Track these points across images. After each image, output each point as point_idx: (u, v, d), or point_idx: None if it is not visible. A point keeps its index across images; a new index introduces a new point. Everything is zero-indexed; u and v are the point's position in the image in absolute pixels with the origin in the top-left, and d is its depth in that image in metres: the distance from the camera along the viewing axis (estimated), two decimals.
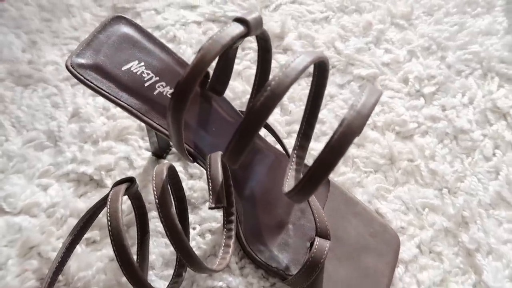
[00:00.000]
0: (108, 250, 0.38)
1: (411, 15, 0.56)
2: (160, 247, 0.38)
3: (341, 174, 0.43)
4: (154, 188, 0.30)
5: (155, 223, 0.39)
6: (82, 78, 0.33)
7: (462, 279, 0.39)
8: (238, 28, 0.25)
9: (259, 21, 0.27)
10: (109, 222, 0.29)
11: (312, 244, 0.34)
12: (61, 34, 0.52)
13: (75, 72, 0.33)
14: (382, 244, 0.37)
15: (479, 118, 0.48)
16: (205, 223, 0.40)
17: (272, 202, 0.38)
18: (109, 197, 0.30)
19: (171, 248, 0.38)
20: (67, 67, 0.33)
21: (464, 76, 0.51)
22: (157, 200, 0.29)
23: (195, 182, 0.42)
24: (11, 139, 0.44)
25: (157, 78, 0.36)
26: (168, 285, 0.33)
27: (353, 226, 0.37)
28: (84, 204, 0.40)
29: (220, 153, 0.33)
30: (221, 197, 0.29)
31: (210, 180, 0.30)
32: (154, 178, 0.30)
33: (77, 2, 0.55)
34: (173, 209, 0.29)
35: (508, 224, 0.41)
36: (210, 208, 0.29)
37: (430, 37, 0.54)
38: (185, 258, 0.29)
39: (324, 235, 0.34)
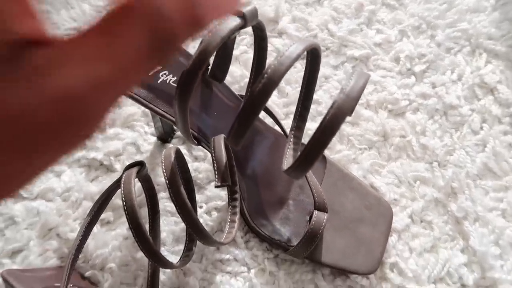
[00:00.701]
0: (122, 230, 0.41)
1: None
2: (170, 225, 0.41)
3: (337, 152, 0.46)
4: (164, 170, 0.32)
5: (164, 203, 0.42)
6: None
7: (451, 245, 0.42)
8: (235, 21, 0.27)
9: (254, 13, 0.29)
10: (124, 203, 0.31)
11: (311, 217, 0.37)
12: (61, 26, 0.54)
13: None
14: (376, 215, 0.40)
15: (467, 94, 0.50)
16: (211, 202, 0.43)
17: (272, 180, 0.41)
18: (123, 180, 0.33)
19: (181, 226, 0.41)
20: None
21: (453, 53, 0.53)
22: (167, 181, 0.32)
23: (199, 164, 0.44)
24: None
25: (159, 67, 0.38)
26: (180, 258, 0.36)
27: (349, 200, 0.40)
28: (96, 188, 0.42)
29: (223, 136, 0.35)
30: (225, 176, 0.32)
31: (215, 161, 0.33)
32: (163, 161, 0.33)
33: None
34: (183, 189, 0.31)
35: (494, 193, 0.44)
36: (216, 186, 0.32)
37: (420, 16, 0.55)
38: (195, 232, 0.32)
39: (322, 208, 0.37)
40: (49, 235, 0.40)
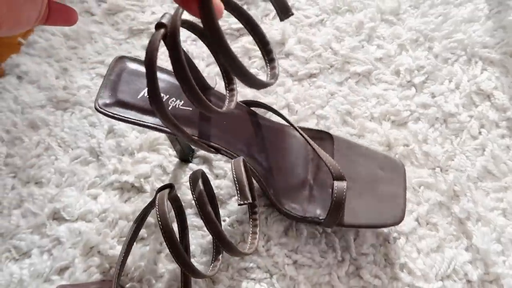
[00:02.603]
0: (155, 245, 0.45)
1: (399, 10, 0.61)
2: (197, 239, 0.46)
3: (345, 137, 0.50)
4: (192, 192, 0.37)
5: (191, 219, 0.47)
6: (111, 114, 0.40)
7: (455, 244, 0.45)
8: (159, 33, 0.28)
9: (173, 17, 0.28)
10: (159, 222, 0.36)
11: (332, 188, 0.41)
12: (87, 60, 0.59)
13: (104, 111, 0.40)
14: (390, 172, 0.44)
15: (465, 101, 0.54)
16: (233, 215, 0.47)
17: (289, 166, 0.45)
18: (156, 201, 0.37)
19: (207, 238, 0.45)
20: (96, 109, 0.40)
21: (450, 63, 0.57)
22: (196, 201, 0.36)
23: (220, 182, 0.49)
24: (60, 158, 0.51)
25: (168, 96, 0.43)
26: (210, 267, 0.40)
27: (362, 165, 0.44)
28: (129, 208, 0.47)
29: (241, 158, 0.40)
30: (246, 194, 0.36)
31: (236, 182, 0.37)
32: (191, 183, 0.37)
33: (97, 28, 0.62)
34: (209, 207, 0.36)
35: (494, 194, 0.48)
36: (240, 204, 0.36)
37: (417, 30, 0.59)
38: (223, 244, 0.36)
39: (340, 177, 0.41)
40: (91, 253, 0.45)
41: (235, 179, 0.37)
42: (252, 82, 0.29)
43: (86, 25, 0.61)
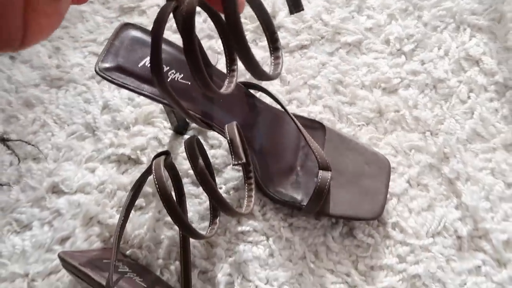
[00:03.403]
0: (153, 213, 0.46)
1: None
2: (195, 206, 0.47)
3: (338, 130, 0.51)
4: (188, 156, 0.38)
5: (187, 187, 0.48)
6: (110, 78, 0.41)
7: (445, 203, 0.47)
8: (169, 5, 0.28)
9: None
10: (156, 186, 0.37)
11: (317, 177, 0.42)
12: (79, 38, 0.59)
13: (104, 75, 0.41)
14: (375, 168, 0.45)
15: (454, 67, 0.55)
16: (228, 183, 0.48)
17: (279, 151, 0.46)
18: (153, 167, 0.38)
19: (204, 205, 0.46)
20: (96, 72, 0.40)
21: (439, 31, 0.57)
22: (191, 164, 0.37)
23: (216, 151, 0.50)
24: (56, 134, 0.52)
25: (168, 67, 0.43)
26: (207, 230, 0.41)
27: (349, 159, 0.45)
28: (127, 179, 0.48)
29: (235, 123, 0.40)
30: (240, 155, 0.37)
31: (230, 144, 0.38)
32: (186, 149, 0.38)
33: (88, 7, 0.62)
34: (205, 169, 0.37)
35: (483, 155, 0.49)
36: (234, 165, 0.37)
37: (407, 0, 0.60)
38: (219, 205, 0.37)
39: (325, 167, 0.43)
40: (91, 223, 0.46)
41: (229, 141, 0.38)
42: (260, 74, 0.30)
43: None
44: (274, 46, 0.36)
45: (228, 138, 0.38)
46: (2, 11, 0.19)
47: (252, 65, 0.28)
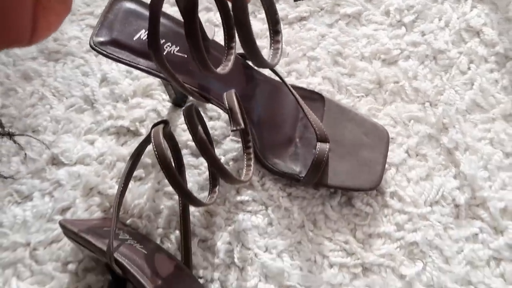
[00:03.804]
0: (153, 184, 0.47)
1: None
2: (194, 177, 0.47)
3: (337, 101, 0.51)
4: (187, 123, 0.38)
5: (187, 159, 0.48)
6: (105, 52, 0.41)
7: (444, 172, 0.47)
8: None
9: None
10: (156, 153, 0.37)
11: (315, 149, 0.42)
12: (76, 12, 0.59)
13: (98, 49, 0.40)
14: (374, 139, 0.45)
15: (454, 38, 0.54)
16: (227, 154, 0.48)
17: (278, 123, 0.46)
18: (152, 134, 0.38)
19: (204, 176, 0.47)
20: (91, 46, 0.40)
21: (440, 2, 0.57)
22: (191, 132, 0.37)
23: (214, 123, 0.50)
24: (54, 107, 0.52)
25: (164, 40, 0.43)
26: (207, 199, 0.42)
27: (348, 129, 0.45)
28: (126, 150, 0.48)
29: (233, 90, 0.40)
30: (239, 121, 0.37)
31: (228, 110, 0.38)
32: (185, 115, 0.38)
33: None
34: (204, 135, 0.37)
35: (482, 125, 0.49)
36: (232, 131, 0.37)
37: None
38: (219, 172, 0.37)
39: (323, 139, 0.43)
40: (91, 193, 0.46)
41: (228, 108, 0.38)
42: (260, 62, 0.30)
43: None
44: (275, 38, 0.36)
45: (227, 105, 0.38)
46: (12, 11, 0.19)
47: (255, 56, 0.29)
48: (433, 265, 0.42)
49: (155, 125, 0.40)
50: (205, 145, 0.36)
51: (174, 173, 0.36)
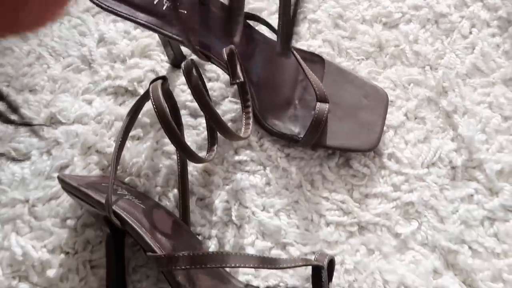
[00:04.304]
0: (151, 143, 0.47)
1: None
2: (192, 137, 0.47)
3: (337, 63, 0.50)
4: (186, 77, 0.37)
5: (185, 119, 0.48)
6: (105, 6, 0.40)
7: (442, 135, 0.47)
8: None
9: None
10: (154, 107, 0.37)
11: (315, 109, 0.42)
12: None
13: (98, 3, 0.40)
14: (373, 101, 0.45)
15: (457, 2, 0.53)
16: (226, 115, 0.48)
17: (277, 84, 0.46)
18: (150, 88, 0.38)
19: (202, 136, 0.47)
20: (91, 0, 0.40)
21: None
22: (190, 85, 0.37)
23: (213, 84, 0.49)
24: (51, 66, 0.51)
25: None
26: (206, 155, 0.42)
27: (348, 91, 0.45)
28: (124, 110, 0.48)
29: (232, 46, 0.40)
30: (239, 75, 0.37)
31: (228, 64, 0.38)
32: (184, 69, 0.38)
33: None
34: (204, 90, 0.37)
35: (482, 89, 0.49)
36: (232, 83, 0.37)
37: None
38: (217, 126, 0.37)
39: (323, 99, 0.43)
40: (89, 152, 0.46)
41: (227, 62, 0.38)
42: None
43: None
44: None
45: (226, 59, 0.38)
46: None
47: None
48: (428, 225, 0.43)
49: (153, 81, 0.40)
50: (204, 98, 0.36)
51: (173, 127, 0.36)
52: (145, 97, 0.41)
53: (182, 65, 0.38)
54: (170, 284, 0.35)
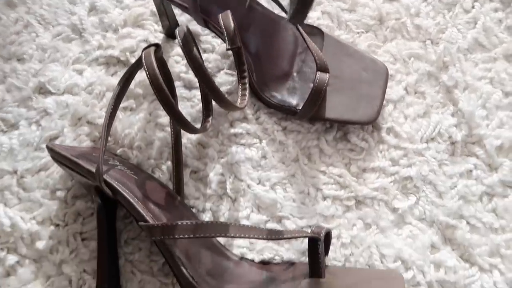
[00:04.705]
0: (144, 114, 0.45)
1: None
2: (187, 109, 0.46)
3: (336, 36, 0.49)
4: (181, 43, 0.36)
5: (179, 91, 0.46)
6: None
7: (442, 110, 0.46)
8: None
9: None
10: (147, 73, 0.35)
11: (315, 78, 0.41)
12: None
13: None
14: (373, 74, 0.44)
15: None
16: (222, 87, 0.47)
17: (275, 56, 0.45)
18: (143, 54, 0.36)
19: (197, 108, 0.45)
20: None
21: None
22: (185, 51, 0.35)
23: (208, 55, 0.48)
24: (40, 35, 0.49)
25: None
26: (200, 126, 0.40)
27: (347, 64, 0.44)
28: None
29: (229, 11, 0.38)
30: (235, 39, 0.36)
31: (224, 29, 0.36)
32: (179, 36, 0.36)
33: None
34: (200, 57, 0.35)
35: (483, 64, 0.48)
36: (227, 49, 0.35)
37: None
38: (213, 94, 0.36)
39: (324, 69, 0.41)
40: (80, 123, 0.45)
41: (224, 27, 0.36)
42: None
43: None
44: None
45: (222, 24, 0.36)
46: None
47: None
48: (426, 199, 0.42)
49: (146, 48, 0.38)
50: (198, 64, 0.35)
51: (167, 95, 0.35)
52: (137, 65, 0.40)
53: (177, 30, 0.37)
54: (164, 256, 0.34)
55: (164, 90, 0.35)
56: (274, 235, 0.34)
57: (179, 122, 0.36)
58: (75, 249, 0.40)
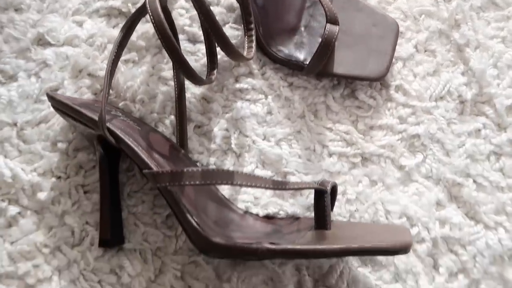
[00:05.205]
0: (147, 67, 0.44)
1: None
2: (191, 63, 0.43)
3: None
4: None
5: (183, 44, 0.45)
6: None
7: (452, 69, 0.45)
8: None
9: None
10: (152, 18, 0.34)
11: (324, 29, 0.40)
12: None
13: None
14: (383, 30, 0.43)
15: None
16: None
17: (283, 9, 0.44)
18: (147, 0, 0.35)
19: (201, 62, 0.44)
20: None
21: None
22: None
23: (213, 8, 0.46)
24: None
25: None
26: (206, 78, 0.39)
27: (357, 19, 0.43)
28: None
29: None
30: None
31: None
32: None
33: None
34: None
35: (496, 23, 0.47)
36: None
37: None
38: (220, 41, 0.35)
39: (334, 21, 0.40)
40: (81, 75, 0.43)
41: None
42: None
43: None
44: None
45: None
46: None
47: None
48: (433, 158, 0.42)
49: None
50: (204, 6, 0.33)
51: (173, 41, 0.34)
52: (140, 12, 0.38)
53: None
54: (169, 204, 0.34)
55: (170, 37, 0.34)
56: (280, 186, 0.33)
57: (185, 70, 0.35)
58: (77, 201, 0.40)
